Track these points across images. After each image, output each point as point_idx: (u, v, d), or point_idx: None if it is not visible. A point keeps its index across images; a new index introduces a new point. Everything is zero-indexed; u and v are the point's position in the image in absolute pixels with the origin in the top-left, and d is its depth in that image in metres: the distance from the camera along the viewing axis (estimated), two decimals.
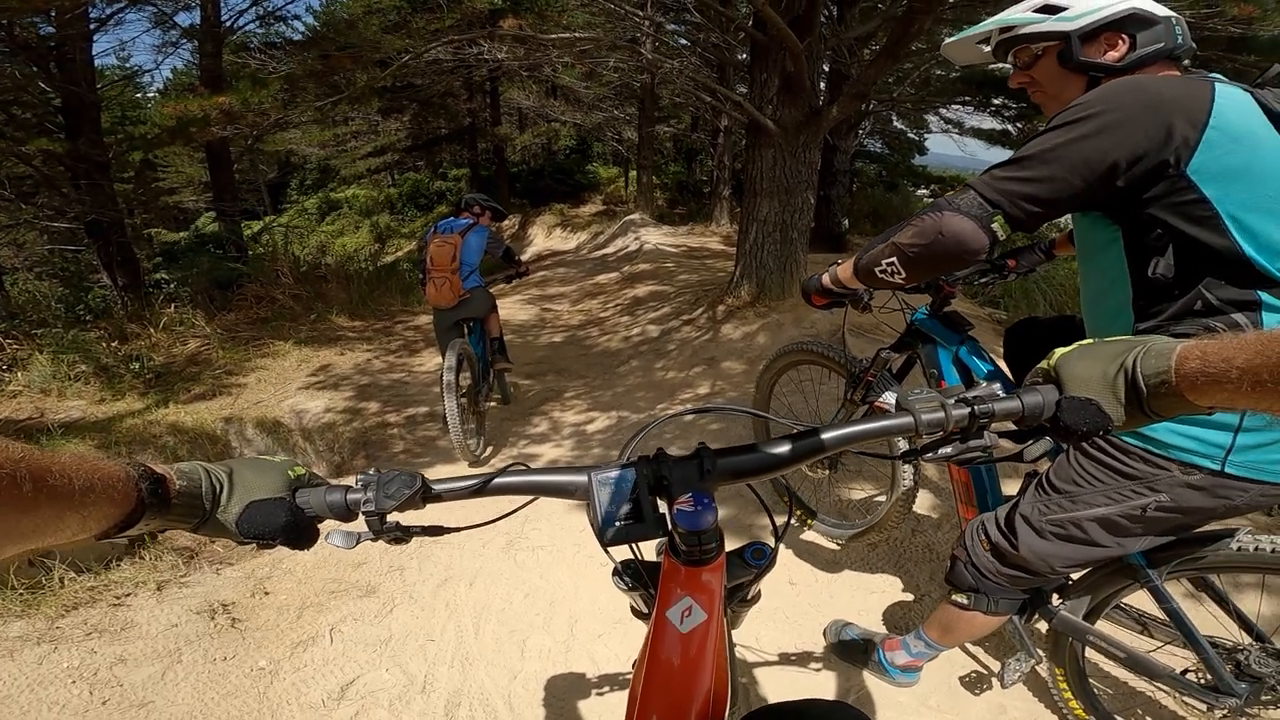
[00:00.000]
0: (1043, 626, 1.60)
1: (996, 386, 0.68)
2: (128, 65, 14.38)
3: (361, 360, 5.55)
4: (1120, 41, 1.14)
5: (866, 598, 2.18)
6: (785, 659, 1.90)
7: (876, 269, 1.29)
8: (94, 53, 7.39)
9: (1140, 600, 1.42)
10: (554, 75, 10.61)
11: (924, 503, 2.58)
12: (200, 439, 4.24)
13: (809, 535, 2.49)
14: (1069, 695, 1.56)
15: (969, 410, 0.66)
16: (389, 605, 2.17)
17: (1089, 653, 1.53)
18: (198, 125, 5.13)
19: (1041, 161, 1.05)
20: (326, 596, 2.19)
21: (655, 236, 10.95)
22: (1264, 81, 1.09)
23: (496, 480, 0.72)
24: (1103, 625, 1.45)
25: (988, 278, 1.89)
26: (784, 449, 0.73)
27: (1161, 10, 1.15)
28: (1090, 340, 0.65)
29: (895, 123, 13.34)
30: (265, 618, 2.07)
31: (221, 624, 2.00)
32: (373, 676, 1.85)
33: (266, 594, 2.20)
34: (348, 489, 0.67)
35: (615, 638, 2.00)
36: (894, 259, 1.23)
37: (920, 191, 15.49)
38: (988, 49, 1.35)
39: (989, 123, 9.14)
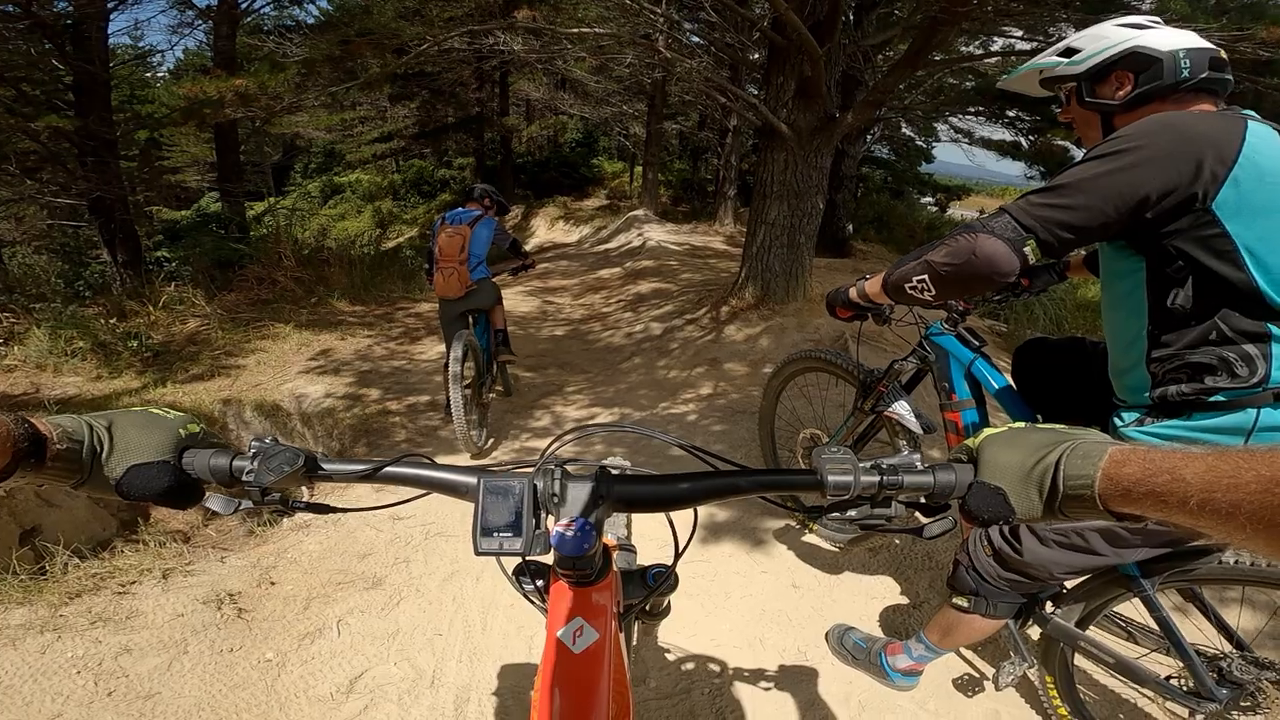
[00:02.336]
0: (1036, 632, 1.64)
1: (915, 458, 0.66)
2: (141, 45, 14.29)
3: (362, 346, 5.52)
4: (1126, 80, 1.20)
5: (868, 603, 2.21)
6: (788, 662, 1.92)
7: (907, 285, 1.33)
8: (109, 31, 7.37)
9: (1128, 610, 1.49)
10: (566, 69, 10.56)
11: None
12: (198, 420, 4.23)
13: (811, 539, 2.51)
14: (1057, 701, 1.63)
15: (878, 479, 0.64)
16: (396, 598, 2.16)
17: (1077, 659, 1.60)
18: (212, 107, 5.09)
19: (1078, 190, 1.09)
20: (333, 588, 2.19)
21: (659, 234, 10.94)
22: None
23: (387, 469, 0.70)
24: (1092, 632, 1.52)
25: (1002, 295, 1.91)
26: (688, 486, 0.70)
27: (1165, 46, 1.17)
28: (1022, 425, 0.63)
29: (904, 129, 13.33)
30: (272, 608, 2.06)
31: (228, 614, 1.99)
32: (381, 670, 1.84)
33: (273, 584, 2.19)
34: (236, 454, 0.65)
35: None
36: (925, 276, 1.28)
37: (925, 199, 15.49)
38: None
39: (1001, 134, 9.14)
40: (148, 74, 15.18)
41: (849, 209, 9.78)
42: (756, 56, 7.30)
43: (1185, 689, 1.41)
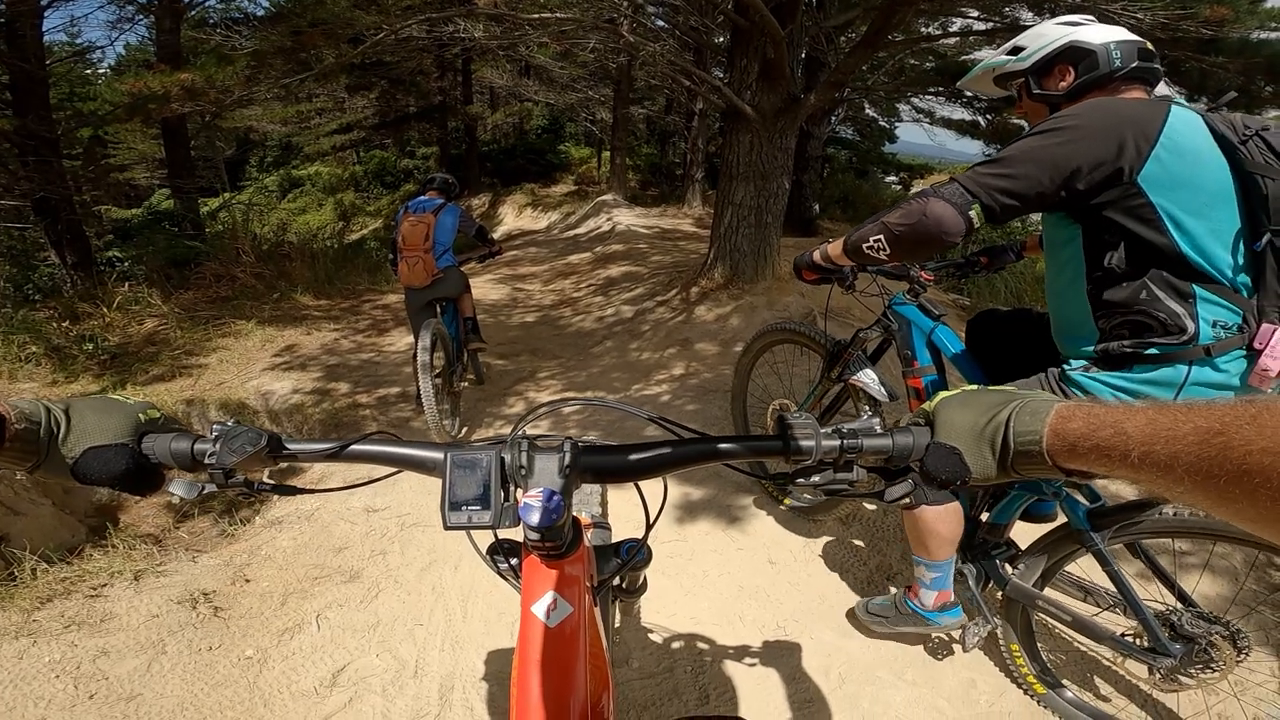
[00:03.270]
0: (999, 597, 1.71)
1: (875, 423, 0.68)
2: (78, 41, 13.72)
3: (329, 340, 5.43)
4: (1067, 72, 1.35)
5: (843, 575, 2.25)
6: (768, 637, 1.96)
7: (865, 245, 1.44)
8: (44, 29, 7.17)
9: (1083, 570, 1.57)
10: (529, 55, 10.40)
11: None
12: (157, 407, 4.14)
13: (786, 511, 2.56)
14: (1021, 662, 1.69)
15: (839, 443, 0.65)
16: (374, 590, 2.16)
17: (1039, 619, 1.68)
18: (157, 102, 4.91)
19: (1018, 162, 1.22)
20: (309, 583, 2.17)
21: (628, 217, 10.92)
22: (1216, 105, 1.26)
23: (354, 446, 0.69)
24: (1050, 592, 1.59)
25: (963, 271, 1.98)
26: (655, 454, 0.70)
27: (1099, 40, 1.31)
28: (975, 387, 0.64)
29: (867, 110, 13.46)
30: (248, 605, 2.04)
31: (204, 613, 1.97)
32: (364, 662, 1.84)
33: (247, 581, 2.17)
34: (198, 438, 0.64)
35: None
36: (881, 236, 1.39)
37: (889, 179, 15.70)
38: None
39: (960, 113, 9.32)
40: (88, 70, 14.60)
41: (815, 189, 9.88)
42: (721, 40, 7.28)
43: (1141, 646, 1.47)
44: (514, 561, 0.83)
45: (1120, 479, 0.47)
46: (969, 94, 8.81)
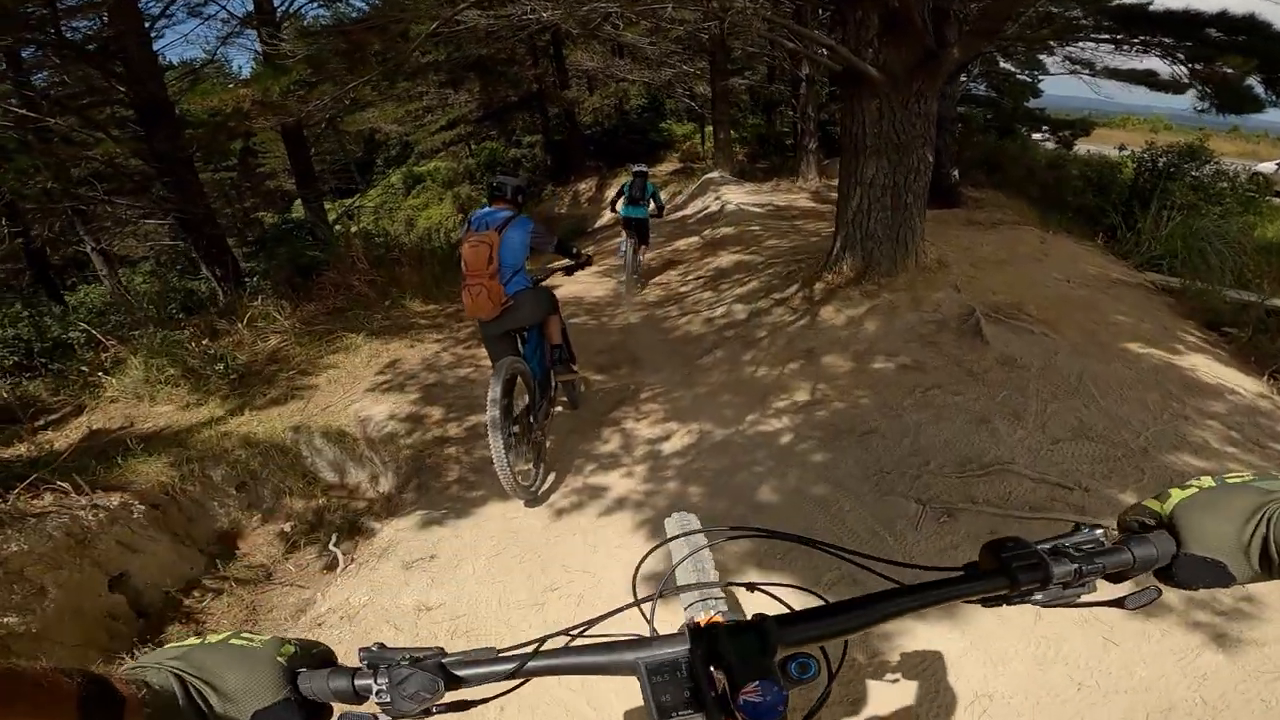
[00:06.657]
0: None
1: (1099, 533, 0.62)
2: (193, 60, 14.64)
3: (430, 353, 5.32)
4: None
5: None
6: None
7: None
8: (157, 48, 7.47)
9: None
10: (616, 33, 9.84)
11: None
12: (271, 452, 4.13)
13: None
14: None
15: (1074, 568, 0.59)
16: None
17: None
18: (236, 119, 4.90)
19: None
20: None
21: (738, 195, 10.20)
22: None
23: (532, 663, 0.63)
24: None
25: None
26: (861, 614, 0.63)
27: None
28: (1211, 483, 0.59)
29: (1002, 64, 11.66)
30: None
31: None
32: None
33: None
34: (355, 673, 0.60)
35: None
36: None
37: (1036, 135, 13.60)
38: None
39: (1133, 63, 7.51)
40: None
41: (951, 153, 8.59)
42: None
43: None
44: None
45: None
46: (1166, 40, 7.09)
